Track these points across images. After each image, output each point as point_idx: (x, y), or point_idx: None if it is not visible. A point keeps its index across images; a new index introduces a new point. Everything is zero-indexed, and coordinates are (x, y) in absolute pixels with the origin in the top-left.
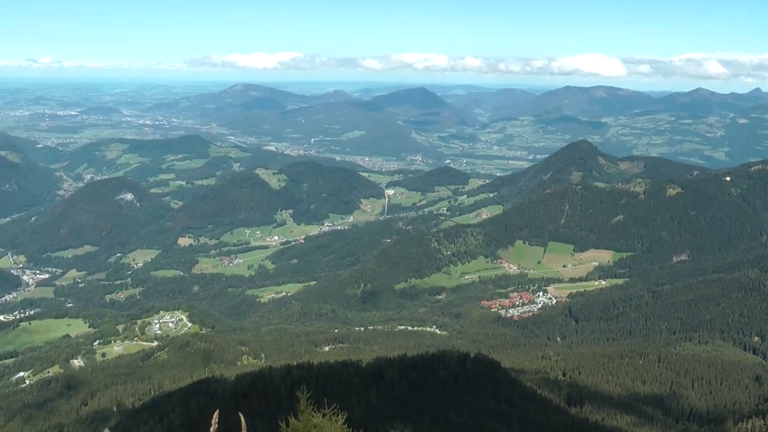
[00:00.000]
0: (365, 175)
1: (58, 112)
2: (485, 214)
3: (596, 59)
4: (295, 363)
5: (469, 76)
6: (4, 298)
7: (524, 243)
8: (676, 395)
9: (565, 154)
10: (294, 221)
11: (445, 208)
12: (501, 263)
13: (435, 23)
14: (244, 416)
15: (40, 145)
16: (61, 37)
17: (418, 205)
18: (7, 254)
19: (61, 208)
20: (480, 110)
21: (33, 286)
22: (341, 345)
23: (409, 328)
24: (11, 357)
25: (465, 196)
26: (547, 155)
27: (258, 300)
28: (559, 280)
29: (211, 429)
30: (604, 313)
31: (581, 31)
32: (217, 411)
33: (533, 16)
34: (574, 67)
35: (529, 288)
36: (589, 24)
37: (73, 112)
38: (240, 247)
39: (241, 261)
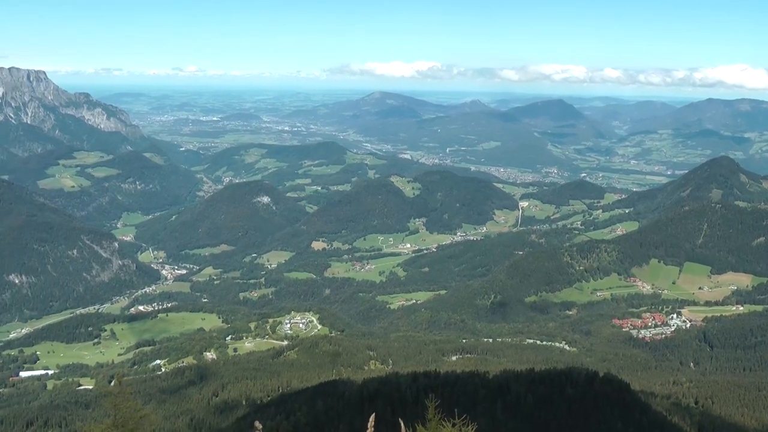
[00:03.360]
0: (499, 186)
1: (201, 118)
2: (620, 230)
3: (741, 70)
4: (422, 370)
5: (608, 87)
6: (144, 290)
7: (659, 262)
8: None
9: (705, 170)
10: (427, 230)
11: (579, 223)
12: (634, 281)
13: (574, 34)
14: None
15: (183, 149)
16: (206, 47)
17: (551, 218)
18: (148, 249)
19: (201, 208)
20: (618, 123)
21: (171, 281)
22: (469, 355)
23: (538, 342)
24: (149, 345)
25: (600, 210)
26: (686, 171)
27: (388, 306)
28: (695, 303)
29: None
30: (741, 340)
31: (725, 40)
32: (374, 414)
33: (675, 26)
34: (717, 78)
35: (662, 309)
36: (734, 33)
37: (215, 118)
38: (372, 253)
39: (372, 267)
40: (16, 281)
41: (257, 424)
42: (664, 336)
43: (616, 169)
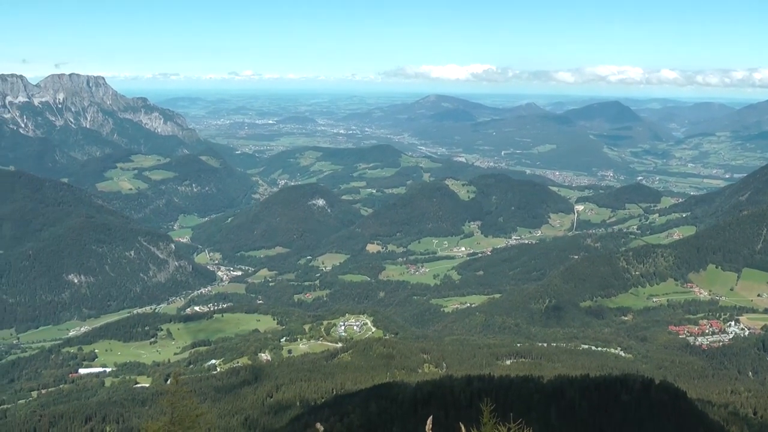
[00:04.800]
0: (555, 189)
1: (257, 121)
2: (677, 234)
3: None
4: (475, 374)
5: (665, 89)
6: (199, 290)
7: (717, 267)
8: None
9: (764, 173)
10: (481, 233)
11: (635, 227)
12: (691, 287)
13: (631, 35)
14: (461, 425)
15: (239, 152)
16: (262, 51)
17: (607, 222)
18: (204, 251)
19: (256, 210)
20: (675, 125)
21: (226, 282)
22: (523, 360)
23: (593, 347)
24: (204, 345)
25: (656, 214)
26: (744, 174)
27: (442, 309)
28: (753, 310)
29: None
30: None
31: None
32: (431, 417)
33: (734, 26)
34: None
35: (720, 316)
36: None
37: (271, 121)
38: (427, 256)
39: (427, 270)
40: (75, 281)
41: (318, 425)
42: (721, 344)
43: (673, 172)
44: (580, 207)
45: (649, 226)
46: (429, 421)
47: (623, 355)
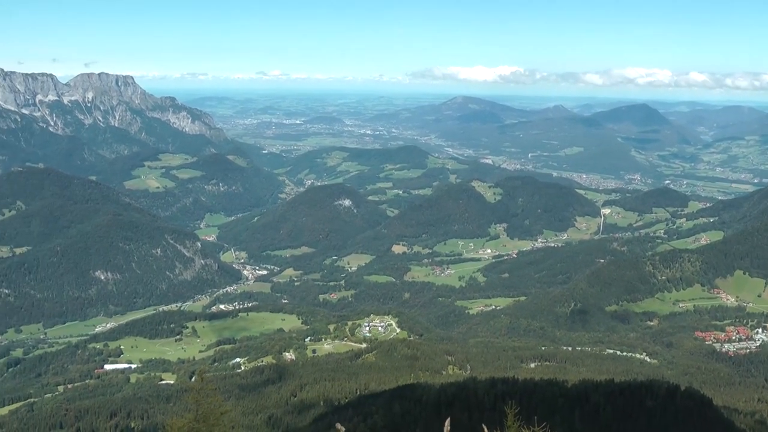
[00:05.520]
0: (581, 192)
1: (284, 121)
2: (704, 239)
3: None
4: (500, 377)
5: (694, 92)
6: (225, 289)
7: (744, 273)
8: None
9: None
10: (507, 235)
11: (662, 231)
12: (718, 293)
13: (659, 37)
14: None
15: (266, 151)
16: (290, 51)
17: (634, 225)
18: (230, 250)
19: (282, 210)
20: (703, 128)
21: (252, 281)
22: (547, 363)
23: (618, 352)
24: (229, 343)
25: (684, 219)
26: None
27: (467, 311)
28: None
29: None
30: None
31: None
32: (449, 419)
33: (763, 28)
34: None
35: (747, 323)
36: None
37: (298, 121)
38: (452, 257)
39: (452, 272)
40: (102, 277)
41: (339, 426)
42: (748, 351)
43: (701, 176)
44: (606, 210)
45: (676, 230)
46: (447, 422)
47: (648, 360)
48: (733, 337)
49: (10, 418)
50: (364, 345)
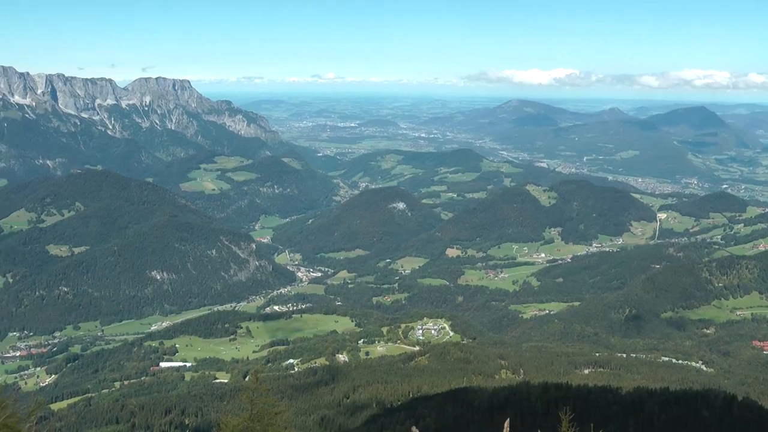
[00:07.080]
0: (637, 196)
1: (339, 124)
2: (763, 245)
3: None
4: (553, 382)
5: (753, 94)
6: (279, 290)
7: None
8: None
9: None
10: (562, 239)
11: (719, 237)
12: None
13: (717, 38)
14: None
15: (320, 154)
16: (345, 54)
17: (690, 231)
18: (284, 251)
19: (337, 212)
20: (762, 131)
21: (306, 283)
22: (601, 369)
23: (673, 360)
24: (282, 344)
25: (742, 224)
26: None
27: (520, 316)
28: None
29: None
30: None
31: None
32: (508, 420)
33: None
34: None
35: None
36: None
37: (353, 124)
38: (506, 261)
39: (506, 275)
40: (158, 277)
41: (414, 429)
42: None
43: (760, 180)
44: (662, 215)
45: (733, 236)
46: (506, 423)
47: (705, 369)
48: None
49: (69, 412)
50: (416, 348)
